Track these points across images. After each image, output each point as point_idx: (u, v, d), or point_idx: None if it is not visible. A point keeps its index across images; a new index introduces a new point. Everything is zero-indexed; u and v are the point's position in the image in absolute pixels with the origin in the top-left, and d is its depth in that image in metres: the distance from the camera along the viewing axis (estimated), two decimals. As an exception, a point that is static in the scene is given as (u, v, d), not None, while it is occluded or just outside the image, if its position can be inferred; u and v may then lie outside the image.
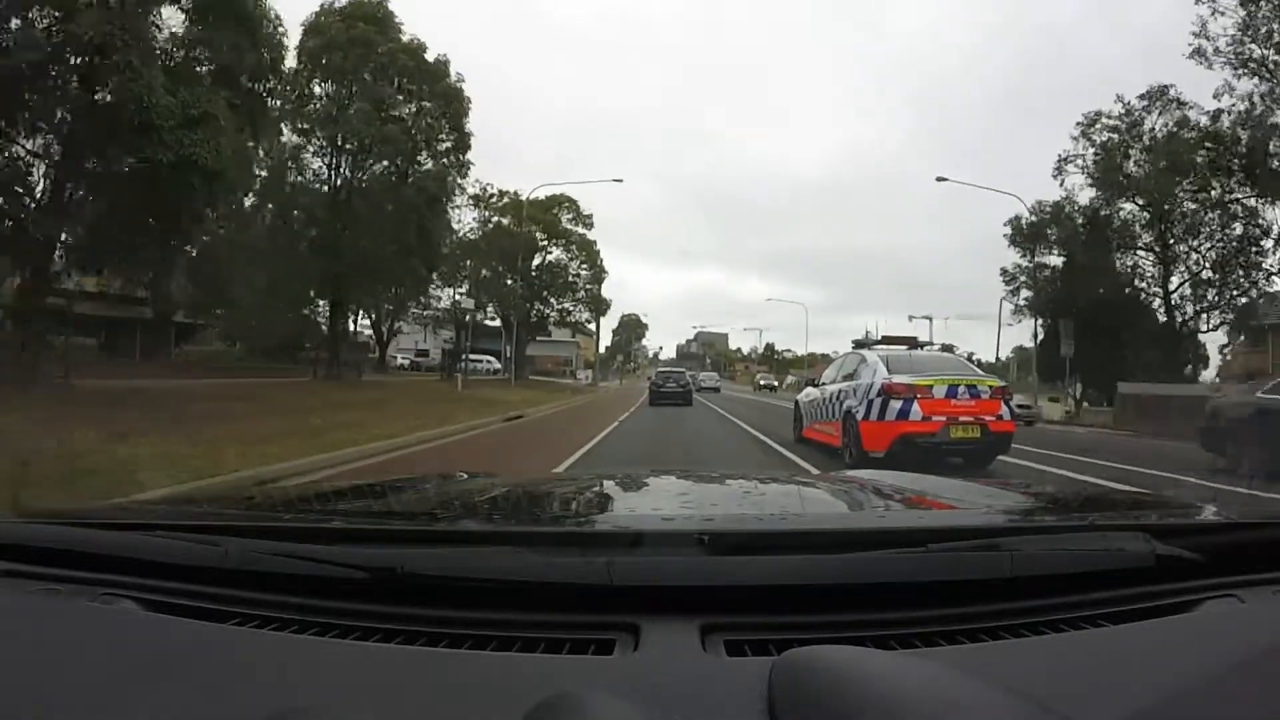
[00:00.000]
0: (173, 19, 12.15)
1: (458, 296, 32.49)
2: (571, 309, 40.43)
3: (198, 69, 12.41)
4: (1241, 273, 23.86)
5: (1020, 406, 15.60)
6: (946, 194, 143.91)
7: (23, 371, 10.73)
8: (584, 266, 39.72)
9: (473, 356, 40.19)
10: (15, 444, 5.51)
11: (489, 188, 33.88)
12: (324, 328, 25.06)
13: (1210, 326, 25.43)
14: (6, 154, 10.91)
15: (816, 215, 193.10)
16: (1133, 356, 23.19)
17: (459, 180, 25.28)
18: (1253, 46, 20.07)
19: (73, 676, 0.60)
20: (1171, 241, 24.87)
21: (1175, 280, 25.12)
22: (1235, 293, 24.20)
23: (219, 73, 12.58)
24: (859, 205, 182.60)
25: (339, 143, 23.05)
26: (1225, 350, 30.67)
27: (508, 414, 14.85)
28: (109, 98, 10.45)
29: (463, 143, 24.69)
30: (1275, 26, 19.73)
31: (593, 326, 53.77)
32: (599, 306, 41.07)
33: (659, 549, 0.79)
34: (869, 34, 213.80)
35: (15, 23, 10.06)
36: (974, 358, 27.72)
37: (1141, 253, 25.87)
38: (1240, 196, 23.04)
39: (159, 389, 13.07)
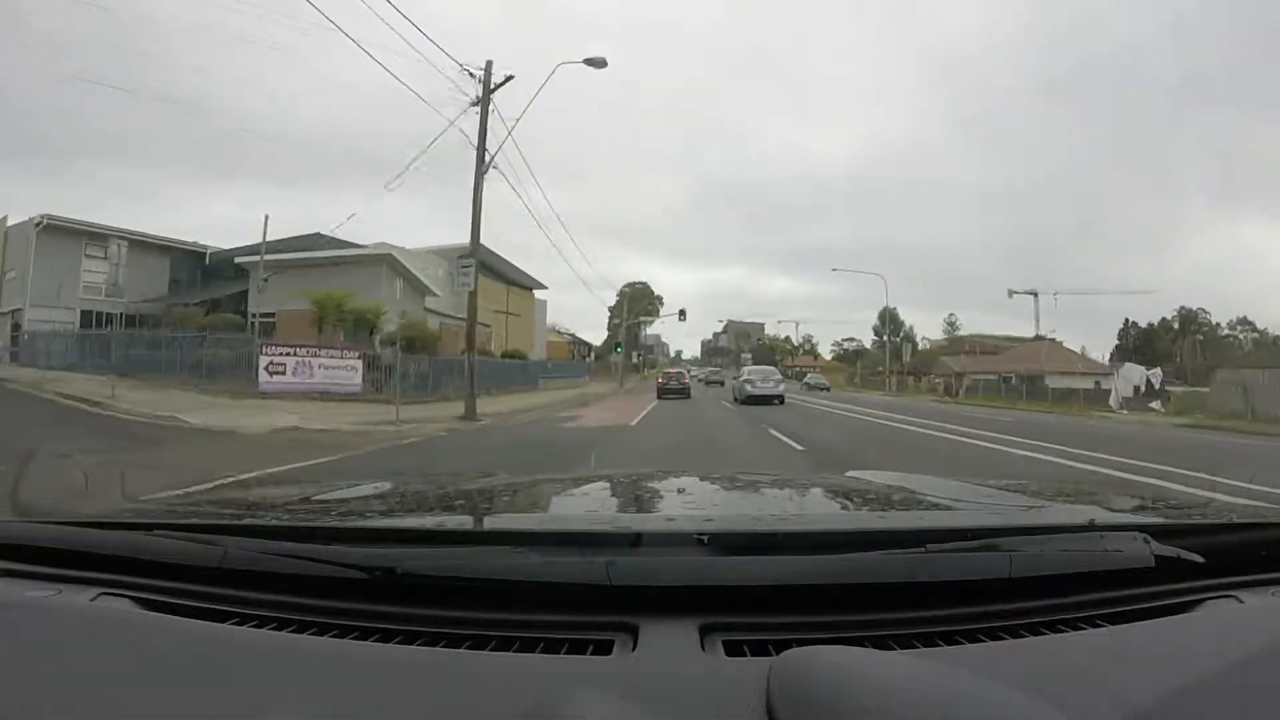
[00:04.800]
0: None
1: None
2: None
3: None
4: None
5: None
6: (966, 190, 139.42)
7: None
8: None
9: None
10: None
11: None
12: None
13: None
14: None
15: (842, 211, 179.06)
16: None
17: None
18: None
19: (72, 676, 0.60)
20: None
21: None
22: None
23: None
24: (886, 200, 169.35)
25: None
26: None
27: None
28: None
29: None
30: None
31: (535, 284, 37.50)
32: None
33: (658, 549, 0.79)
34: (900, 23, 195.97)
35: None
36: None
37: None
38: None
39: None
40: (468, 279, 13.66)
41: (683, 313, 45.55)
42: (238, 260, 27.61)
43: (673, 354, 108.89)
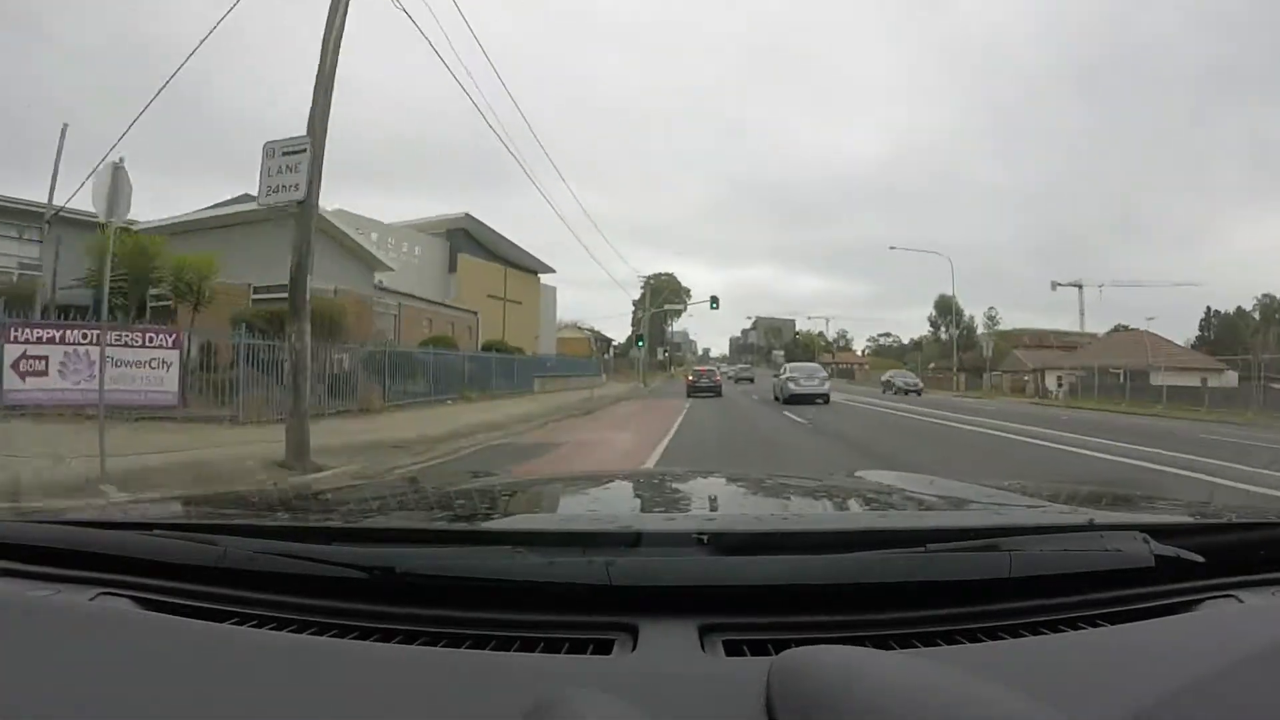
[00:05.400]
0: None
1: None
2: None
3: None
4: None
5: None
6: (993, 187, 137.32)
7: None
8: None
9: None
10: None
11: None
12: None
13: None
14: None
15: (869, 207, 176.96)
16: None
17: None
18: None
19: (71, 676, 0.59)
20: None
21: None
22: None
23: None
24: (912, 198, 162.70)
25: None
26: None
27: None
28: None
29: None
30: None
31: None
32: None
33: (658, 549, 0.78)
34: (928, 16, 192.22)
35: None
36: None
37: None
38: None
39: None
40: (295, 182, 6.79)
41: (714, 299, 37.90)
42: (135, 229, 21.12)
43: (700, 351, 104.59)
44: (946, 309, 56.39)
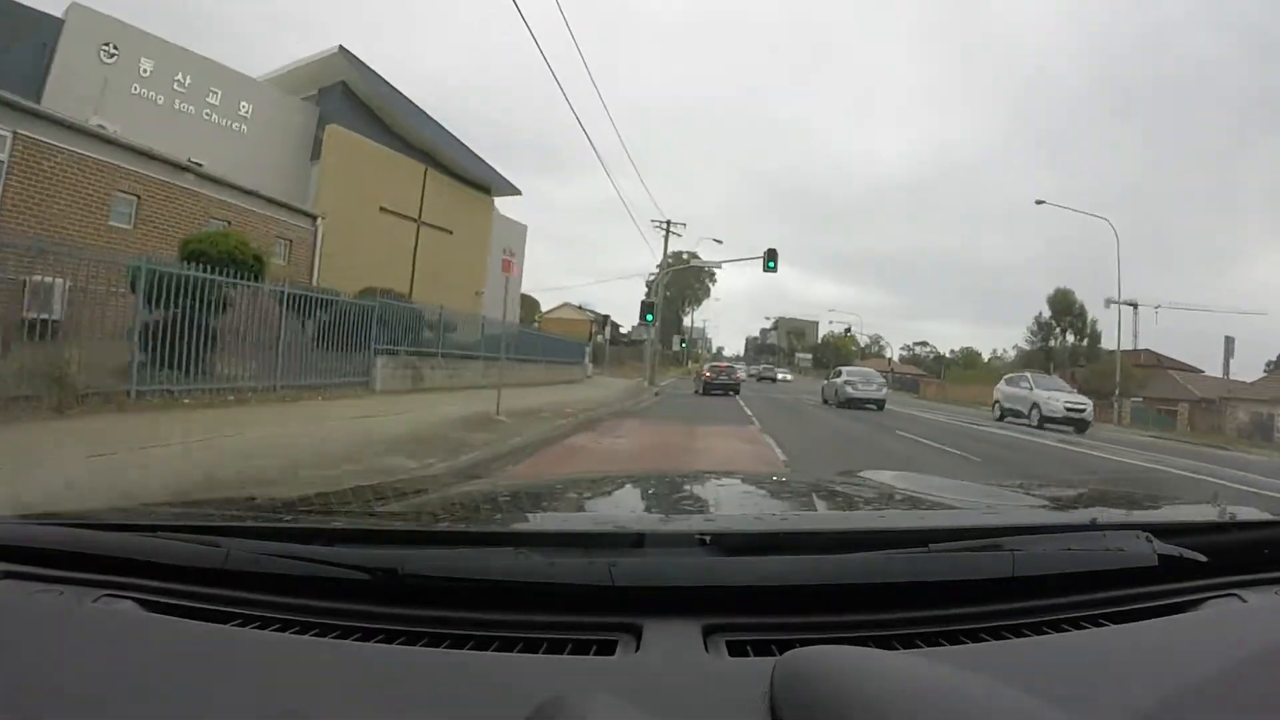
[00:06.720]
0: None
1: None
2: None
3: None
4: None
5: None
6: (1023, 203, 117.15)
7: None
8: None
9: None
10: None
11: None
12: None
13: None
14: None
15: (894, 217, 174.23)
16: None
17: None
18: None
19: (74, 677, 0.60)
20: None
21: None
22: None
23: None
24: (941, 208, 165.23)
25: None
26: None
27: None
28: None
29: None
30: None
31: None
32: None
33: (661, 550, 0.78)
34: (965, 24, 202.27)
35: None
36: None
37: None
38: None
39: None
40: None
41: (771, 252, 24.27)
42: None
43: (715, 349, 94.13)
44: (1066, 307, 41.78)
